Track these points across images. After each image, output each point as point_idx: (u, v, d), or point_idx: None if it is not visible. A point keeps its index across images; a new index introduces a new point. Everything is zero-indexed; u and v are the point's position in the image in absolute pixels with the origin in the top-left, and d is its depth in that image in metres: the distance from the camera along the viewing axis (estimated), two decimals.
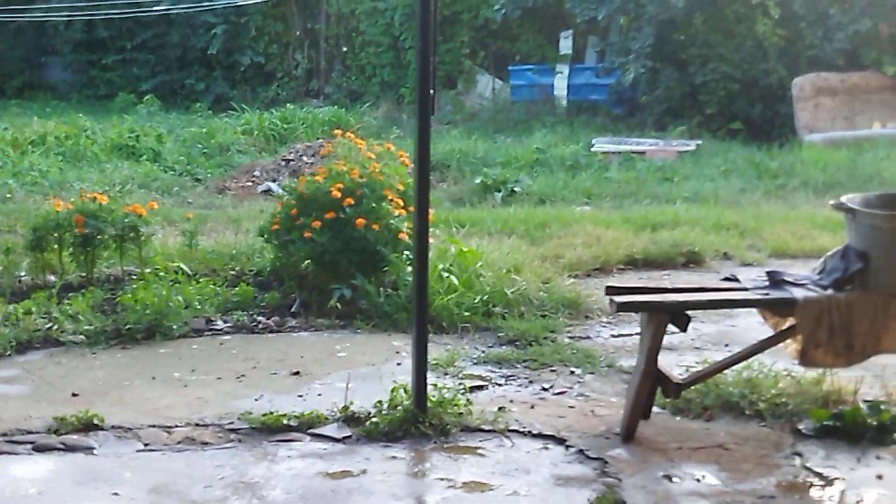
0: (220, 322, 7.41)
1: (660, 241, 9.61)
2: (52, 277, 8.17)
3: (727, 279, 5.62)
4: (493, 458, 5.05)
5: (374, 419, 5.37)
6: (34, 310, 7.29)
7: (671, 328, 5.30)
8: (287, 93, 24.67)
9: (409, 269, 6.92)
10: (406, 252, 7.54)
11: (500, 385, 6.18)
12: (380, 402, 5.49)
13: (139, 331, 7.06)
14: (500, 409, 5.61)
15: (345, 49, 25.23)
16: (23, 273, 8.29)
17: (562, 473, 4.89)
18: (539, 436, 5.31)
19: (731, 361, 5.54)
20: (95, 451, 5.17)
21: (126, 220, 8.18)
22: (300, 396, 5.93)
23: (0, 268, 8.19)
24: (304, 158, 15.20)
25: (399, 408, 5.41)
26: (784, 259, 9.40)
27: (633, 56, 19.43)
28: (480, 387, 6.09)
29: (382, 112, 21.72)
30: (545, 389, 6.07)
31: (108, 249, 8.29)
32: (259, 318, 7.49)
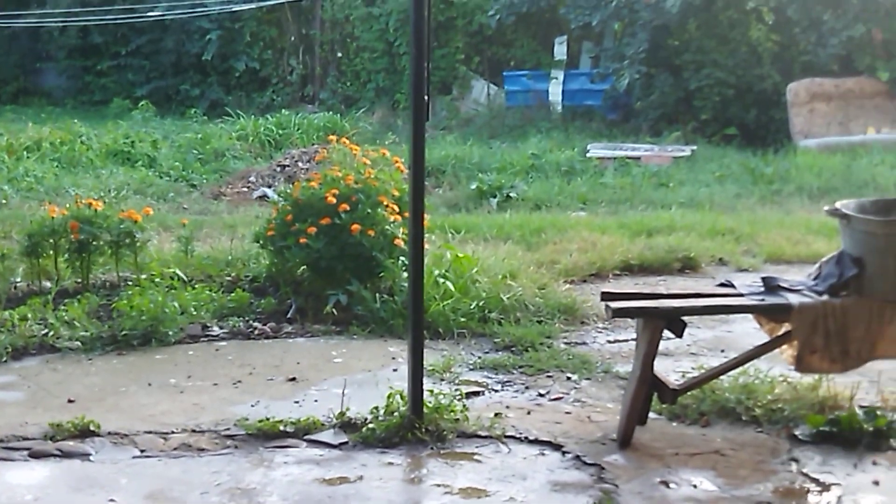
0: (216, 328, 7.41)
1: (655, 247, 9.62)
2: (48, 283, 8.15)
3: (723, 285, 5.63)
4: (490, 465, 5.05)
5: (371, 425, 5.37)
6: (30, 316, 7.28)
7: (667, 334, 5.30)
8: (282, 98, 24.68)
9: (405, 275, 6.91)
10: (402, 258, 7.54)
11: (497, 391, 6.17)
12: (376, 409, 5.49)
13: (135, 337, 7.05)
14: (497, 415, 5.61)
15: (340, 55, 25.26)
16: (18, 279, 8.28)
17: (558, 479, 4.89)
18: (535, 442, 5.31)
19: (728, 367, 5.54)
20: (92, 458, 5.16)
21: (121, 226, 8.18)
22: (296, 402, 5.92)
23: None
24: (300, 164, 15.21)
25: (395, 414, 5.41)
26: (779, 265, 9.42)
27: (628, 62, 19.47)
28: (477, 393, 6.09)
29: (378, 118, 21.74)
30: (541, 395, 6.07)
31: (104, 255, 8.29)
32: (255, 324, 7.49)
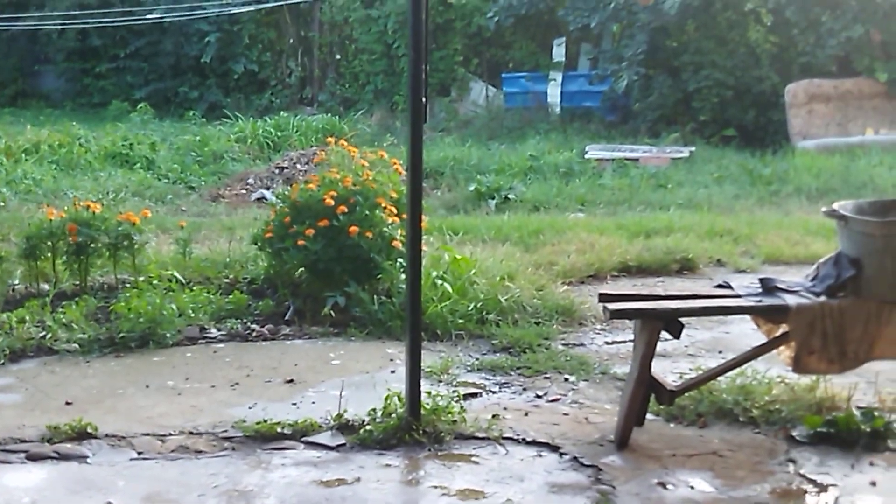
0: (214, 330, 7.40)
1: (653, 248, 9.62)
2: (46, 286, 8.15)
3: (720, 286, 5.63)
4: (488, 466, 5.05)
5: (368, 427, 5.37)
6: (28, 318, 7.28)
7: (665, 335, 5.30)
8: (281, 100, 24.68)
9: (403, 277, 6.91)
10: (400, 259, 7.54)
11: (494, 392, 6.17)
12: (374, 410, 5.49)
13: (133, 339, 7.04)
14: (494, 417, 5.61)
15: (338, 57, 25.27)
16: (16, 281, 8.28)
17: (556, 481, 4.88)
18: (533, 443, 5.31)
19: (725, 368, 5.54)
20: (89, 460, 5.16)
21: (120, 229, 8.17)
22: (294, 404, 5.92)
23: None
24: (298, 166, 15.21)
25: (393, 415, 5.41)
26: (778, 266, 9.42)
27: (626, 63, 19.49)
28: (474, 394, 6.09)
29: (376, 120, 21.74)
30: (539, 397, 6.07)
31: (102, 258, 8.29)
32: (253, 326, 7.48)
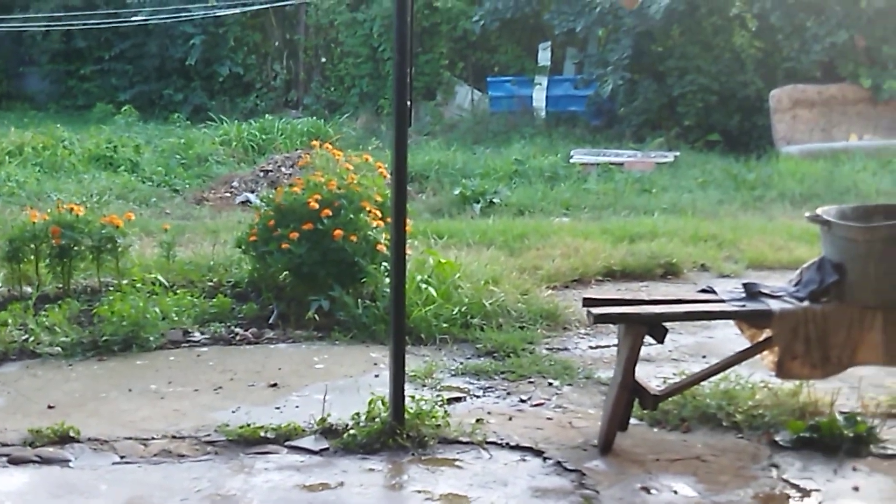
0: (198, 334, 7.38)
1: (638, 253, 9.63)
2: (29, 289, 8.12)
3: (704, 291, 5.64)
4: (471, 471, 5.04)
5: (352, 431, 5.36)
6: (10, 321, 7.25)
7: (649, 340, 5.30)
8: (266, 103, 24.66)
9: (388, 281, 6.91)
10: (384, 263, 7.53)
11: (478, 397, 6.17)
12: (357, 415, 5.48)
13: (116, 342, 7.02)
14: (478, 421, 5.60)
15: (324, 60, 25.25)
16: None
17: (539, 485, 4.88)
18: (517, 448, 5.31)
19: (709, 373, 5.55)
20: (71, 464, 5.14)
21: (103, 232, 8.14)
22: (277, 408, 5.90)
23: None
24: (283, 169, 15.19)
25: (377, 420, 5.40)
26: (761, 270, 9.44)
27: (612, 68, 19.53)
28: (458, 399, 6.08)
29: (361, 123, 21.73)
30: (523, 401, 6.07)
31: (85, 261, 8.25)
32: (237, 330, 7.46)
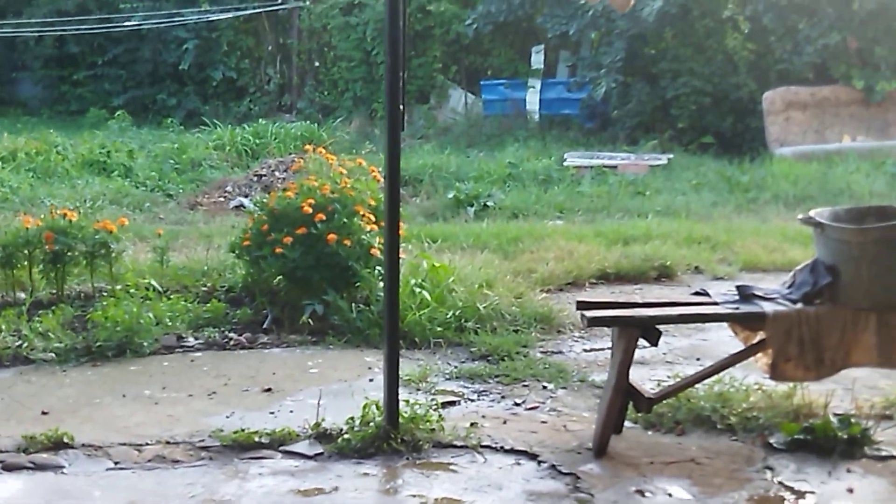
0: (192, 339, 7.37)
1: (631, 256, 9.64)
2: (22, 294, 8.11)
3: (698, 293, 5.63)
4: (466, 474, 5.04)
5: (346, 436, 5.35)
6: (3, 327, 7.24)
7: (643, 342, 5.30)
8: (259, 108, 24.66)
9: (381, 285, 6.89)
10: (378, 267, 7.53)
11: (473, 400, 6.16)
12: (352, 419, 5.47)
13: (110, 348, 7.00)
14: (473, 425, 5.60)
15: (317, 64, 25.26)
16: None
17: (534, 489, 4.88)
18: (511, 451, 5.30)
19: (703, 375, 5.56)
20: (65, 470, 5.12)
21: (97, 237, 8.14)
22: (272, 413, 5.89)
23: None
24: (277, 174, 15.19)
25: (371, 424, 5.39)
26: (755, 273, 9.46)
27: (605, 70, 19.57)
28: (453, 402, 6.08)
29: (355, 127, 21.74)
30: (517, 405, 6.07)
31: (79, 266, 8.24)
32: (230, 335, 7.45)
